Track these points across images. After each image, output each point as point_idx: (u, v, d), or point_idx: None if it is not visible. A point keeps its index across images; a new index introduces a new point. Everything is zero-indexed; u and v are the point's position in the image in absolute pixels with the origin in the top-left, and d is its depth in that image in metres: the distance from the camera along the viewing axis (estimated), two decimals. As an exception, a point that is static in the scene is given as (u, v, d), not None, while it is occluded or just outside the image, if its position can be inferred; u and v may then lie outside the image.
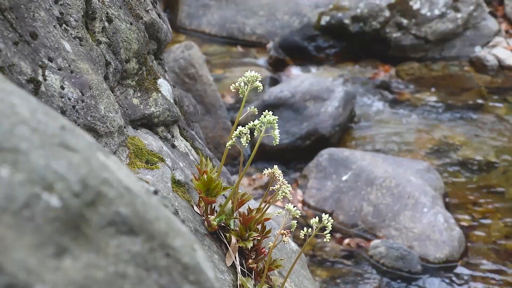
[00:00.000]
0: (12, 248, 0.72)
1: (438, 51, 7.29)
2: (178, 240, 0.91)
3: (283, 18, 7.43)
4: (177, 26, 7.60)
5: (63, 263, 0.76)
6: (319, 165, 5.23)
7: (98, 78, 1.87)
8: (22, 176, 0.77)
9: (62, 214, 0.78)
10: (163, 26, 2.27)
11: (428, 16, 7.22)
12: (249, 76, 1.88)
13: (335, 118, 5.81)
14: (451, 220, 4.73)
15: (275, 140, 1.82)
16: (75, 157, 0.84)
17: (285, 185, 1.92)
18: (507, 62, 7.03)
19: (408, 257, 4.52)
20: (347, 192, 5.02)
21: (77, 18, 1.89)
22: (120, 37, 2.03)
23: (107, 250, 0.81)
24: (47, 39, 1.74)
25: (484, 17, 7.37)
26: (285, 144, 5.70)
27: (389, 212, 4.82)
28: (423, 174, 5.09)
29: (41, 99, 1.65)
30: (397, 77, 6.97)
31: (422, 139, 5.95)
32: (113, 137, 1.88)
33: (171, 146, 2.22)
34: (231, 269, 1.91)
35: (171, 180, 1.99)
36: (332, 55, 7.30)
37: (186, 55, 5.63)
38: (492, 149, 5.78)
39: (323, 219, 1.82)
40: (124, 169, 0.94)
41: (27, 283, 0.71)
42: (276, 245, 1.92)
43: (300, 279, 2.33)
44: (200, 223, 1.96)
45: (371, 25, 7.21)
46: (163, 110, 2.16)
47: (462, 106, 6.46)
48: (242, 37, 7.48)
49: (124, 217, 0.85)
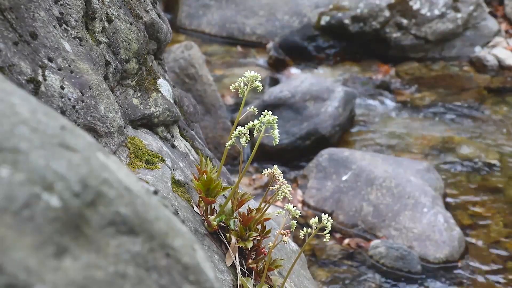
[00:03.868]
0: (12, 248, 0.72)
1: (438, 51, 7.29)
2: (178, 240, 0.91)
3: (283, 18, 7.43)
4: (177, 26, 7.60)
5: (63, 263, 0.76)
6: (319, 165, 5.23)
7: (98, 78, 1.87)
8: (22, 176, 0.77)
9: (62, 214, 0.78)
10: (163, 26, 2.27)
11: (428, 16, 7.22)
12: (249, 76, 1.88)
13: (335, 118, 5.81)
14: (451, 220, 4.73)
15: (275, 140, 1.82)
16: (75, 157, 0.84)
17: (285, 185, 1.92)
18: (507, 62, 7.03)
19: (408, 257, 4.52)
20: (347, 192, 5.02)
21: (77, 18, 1.89)
22: (120, 37, 2.03)
23: (107, 250, 0.81)
24: (47, 39, 1.74)
25: (484, 17, 7.37)
26: (285, 144, 5.70)
27: (389, 212, 4.82)
28: (423, 174, 5.09)
29: (41, 99, 1.65)
30: (397, 77, 6.97)
31: (422, 139, 5.94)
32: (113, 137, 1.88)
33: (171, 146, 2.22)
34: (231, 269, 1.91)
35: (171, 180, 1.99)
36: (332, 55, 7.30)
37: (186, 55, 5.63)
38: (492, 149, 5.78)
39: (323, 219, 1.82)
40: (124, 169, 0.94)
41: (27, 283, 0.71)
42: (276, 245, 1.92)
43: (300, 279, 2.33)
44: (200, 223, 1.96)
45: (371, 25, 7.21)
46: (163, 110, 2.16)
47: (462, 106, 6.46)
48: (242, 37, 7.48)
49: (124, 217, 0.85)
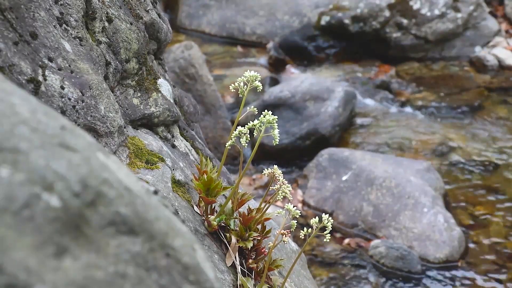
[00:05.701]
0: (12, 248, 0.72)
1: (438, 51, 7.29)
2: (178, 240, 0.91)
3: (283, 18, 7.43)
4: (177, 26, 7.60)
5: (63, 263, 0.76)
6: (319, 165, 5.23)
7: (98, 78, 1.87)
8: (22, 176, 0.77)
9: (62, 214, 0.78)
10: (163, 26, 2.27)
11: (428, 16, 7.22)
12: (249, 76, 1.88)
13: (335, 118, 5.81)
14: (451, 220, 4.73)
15: (275, 140, 1.82)
16: (75, 157, 0.84)
17: (285, 185, 1.92)
18: (507, 62, 7.03)
19: (408, 257, 4.52)
20: (347, 192, 5.02)
21: (77, 18, 1.89)
22: (120, 37, 2.03)
23: (107, 250, 0.81)
24: (47, 39, 1.74)
25: (484, 17, 7.37)
26: (285, 144, 5.70)
27: (389, 212, 4.82)
28: (423, 174, 5.09)
29: (41, 99, 1.65)
30: (397, 77, 6.97)
31: (422, 139, 5.94)
32: (113, 137, 1.88)
33: (171, 146, 2.22)
34: (231, 269, 1.91)
35: (171, 180, 1.99)
36: (332, 55, 7.30)
37: (186, 55, 5.63)
38: (492, 149, 5.78)
39: (323, 219, 1.82)
40: (124, 169, 0.94)
41: (27, 283, 0.71)
42: (276, 245, 1.92)
43: (300, 279, 2.33)
44: (200, 223, 1.96)
45: (371, 25, 7.21)
46: (163, 110, 2.16)
47: (462, 106, 6.46)
48: (242, 37, 7.48)
49: (124, 217, 0.85)
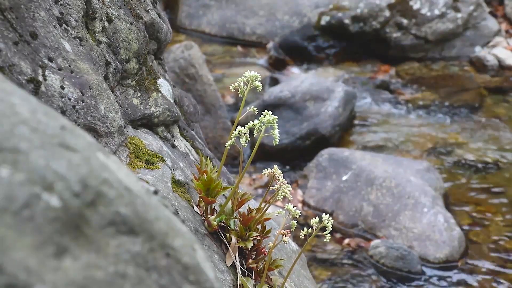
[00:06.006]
0: (12, 248, 0.72)
1: (438, 51, 7.29)
2: (178, 240, 0.91)
3: (283, 18, 7.43)
4: (177, 26, 7.60)
5: (63, 263, 0.76)
6: (319, 165, 5.23)
7: (98, 78, 1.87)
8: (22, 176, 0.77)
9: (62, 214, 0.78)
10: (163, 26, 2.27)
11: (428, 16, 7.22)
12: (249, 76, 1.88)
13: (335, 118, 5.81)
14: (451, 220, 4.73)
15: (275, 140, 1.82)
16: (75, 157, 0.84)
17: (285, 185, 1.92)
18: (507, 62, 7.03)
19: (408, 257, 4.52)
20: (347, 192, 5.02)
21: (77, 18, 1.89)
22: (120, 37, 2.03)
23: (107, 250, 0.81)
24: (47, 39, 1.74)
25: (484, 17, 7.37)
26: (285, 144, 5.70)
27: (389, 212, 4.82)
28: (423, 174, 5.09)
29: (41, 99, 1.65)
30: (397, 77, 6.97)
31: (422, 139, 5.94)
32: (113, 137, 1.88)
33: (171, 146, 2.22)
34: (231, 269, 1.91)
35: (171, 180, 1.99)
36: (332, 55, 7.30)
37: (186, 55, 5.63)
38: (492, 149, 5.78)
39: (323, 219, 1.82)
40: (124, 169, 0.94)
41: (27, 283, 0.71)
42: (276, 245, 1.92)
43: (300, 279, 2.33)
44: (200, 223, 1.96)
45: (371, 25, 7.21)
46: (163, 110, 2.16)
47: (462, 106, 6.46)
48: (242, 37, 7.48)
49: (124, 217, 0.85)
